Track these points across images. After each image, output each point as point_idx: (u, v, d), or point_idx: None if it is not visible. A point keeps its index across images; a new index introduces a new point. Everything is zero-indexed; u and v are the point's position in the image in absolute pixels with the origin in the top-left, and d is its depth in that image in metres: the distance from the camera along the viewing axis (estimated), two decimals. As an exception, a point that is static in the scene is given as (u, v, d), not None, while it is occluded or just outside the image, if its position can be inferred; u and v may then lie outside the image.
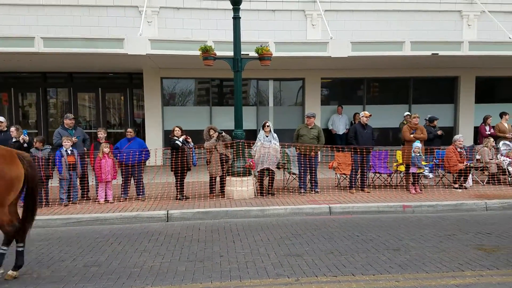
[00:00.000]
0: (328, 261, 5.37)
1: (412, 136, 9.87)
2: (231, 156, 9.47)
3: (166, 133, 13.73)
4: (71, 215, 7.81)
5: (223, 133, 9.58)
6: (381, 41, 13.02)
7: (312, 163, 9.67)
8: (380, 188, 10.08)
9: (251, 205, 8.42)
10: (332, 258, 5.48)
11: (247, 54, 9.96)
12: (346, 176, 10.18)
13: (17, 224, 4.97)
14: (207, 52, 9.12)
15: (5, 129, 9.35)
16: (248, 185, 9.25)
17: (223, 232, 6.90)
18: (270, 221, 7.63)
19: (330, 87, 16.07)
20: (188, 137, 9.37)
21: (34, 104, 15.76)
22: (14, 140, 8.63)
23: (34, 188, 5.16)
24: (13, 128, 8.89)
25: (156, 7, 13.99)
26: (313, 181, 9.77)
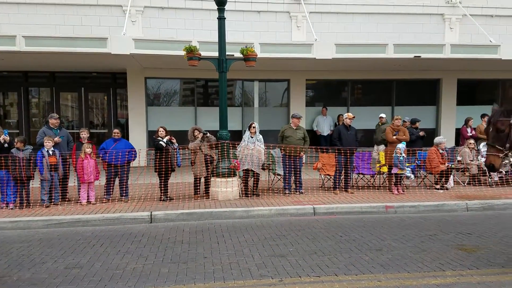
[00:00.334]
0: (312, 262, 5.40)
1: (395, 138, 10.00)
2: (216, 157, 9.45)
3: (150, 134, 13.64)
4: (53, 217, 7.68)
5: (208, 134, 9.55)
6: (365, 44, 13.19)
7: (297, 164, 9.71)
8: (364, 189, 10.17)
9: (236, 206, 8.42)
10: (316, 259, 5.52)
11: (232, 55, 9.96)
12: (330, 177, 10.25)
13: None
14: (192, 52, 9.08)
15: (-15, 129, 9.17)
16: (233, 186, 9.24)
17: (207, 233, 6.88)
18: (255, 222, 7.64)
19: (315, 89, 16.17)
20: (173, 138, 9.32)
21: (16, 104, 15.50)
22: (-5, 140, 8.46)
23: None
24: (-6, 128, 8.73)
25: (141, 7, 13.89)
26: (298, 182, 9.80)
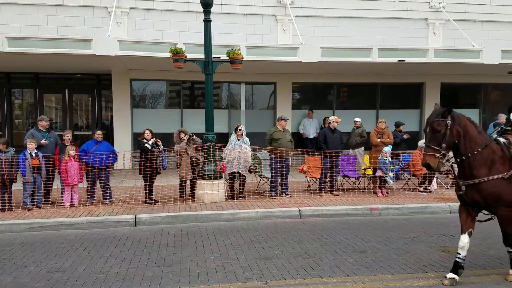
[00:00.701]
0: (297, 264, 5.41)
1: (379, 141, 10.09)
2: (202, 159, 9.42)
3: (135, 136, 13.54)
4: (35, 220, 7.57)
5: (194, 136, 9.52)
6: (350, 47, 13.31)
7: (286, 167, 9.76)
8: (349, 191, 10.24)
9: (222, 209, 8.40)
10: (301, 261, 5.53)
11: (219, 57, 9.95)
12: (316, 180, 10.30)
13: None
14: (178, 55, 9.05)
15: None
16: (219, 189, 9.22)
17: (193, 236, 6.85)
18: (241, 225, 7.63)
19: (301, 91, 16.26)
20: (158, 140, 9.27)
21: (-2, 105, 15.23)
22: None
23: None
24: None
25: (126, 8, 13.79)
26: (284, 185, 9.83)
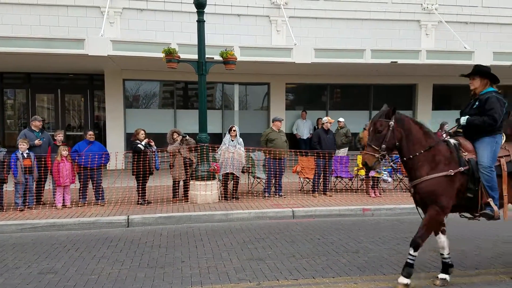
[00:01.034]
0: (290, 265, 5.42)
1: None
2: (195, 160, 9.41)
3: (128, 136, 13.47)
4: (27, 221, 7.52)
5: (187, 137, 9.51)
6: (343, 49, 13.36)
7: (281, 167, 9.79)
8: (342, 192, 10.27)
9: (215, 210, 8.39)
10: (294, 262, 5.54)
11: (212, 58, 9.93)
12: (309, 180, 10.33)
13: None
14: (171, 55, 9.04)
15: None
16: (212, 189, 9.21)
17: (186, 237, 6.83)
18: (234, 226, 7.63)
19: (295, 92, 16.28)
20: (151, 140, 9.25)
21: (-11, 105, 15.12)
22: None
23: None
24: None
25: (119, 8, 13.74)
26: (277, 185, 9.85)
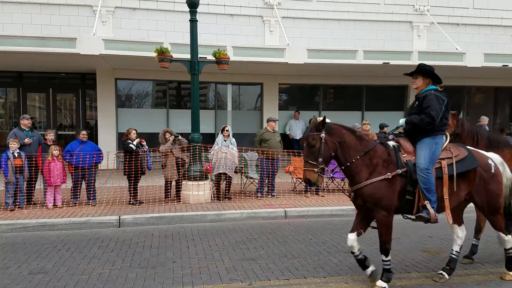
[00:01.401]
0: (282, 265, 5.43)
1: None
2: (188, 160, 9.39)
3: (120, 136, 13.40)
4: (17, 220, 7.46)
5: (179, 137, 9.48)
6: (336, 49, 13.41)
7: (275, 167, 9.80)
8: (334, 192, 10.30)
9: (207, 210, 8.37)
10: (285, 262, 5.55)
11: (205, 58, 9.93)
12: (302, 180, 10.33)
13: None
14: (163, 54, 9.00)
15: None
16: (205, 189, 9.20)
17: (178, 238, 6.82)
18: (226, 226, 7.62)
19: (288, 93, 16.31)
20: (143, 140, 9.22)
21: (-20, 104, 15.00)
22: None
23: None
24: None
25: (111, 7, 13.67)
26: (270, 185, 9.86)
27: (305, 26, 14.96)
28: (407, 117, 4.69)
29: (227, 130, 9.55)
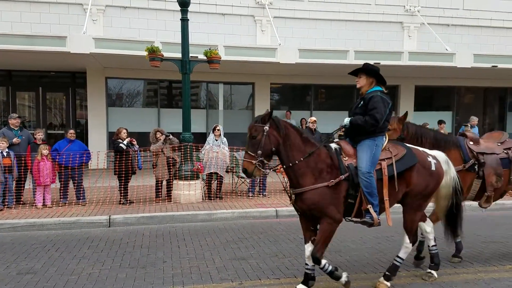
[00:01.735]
0: (272, 264, 5.43)
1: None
2: (179, 160, 9.35)
3: (111, 135, 13.33)
4: (6, 220, 7.38)
5: (170, 136, 9.45)
6: (327, 49, 13.46)
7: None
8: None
9: (198, 209, 8.35)
10: (276, 261, 5.55)
11: (196, 57, 9.90)
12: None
13: None
14: (154, 53, 8.96)
15: None
16: (196, 189, 9.18)
17: (168, 237, 6.79)
18: (217, 225, 7.61)
19: (280, 92, 16.33)
20: (133, 140, 9.17)
21: (-32, 103, 14.81)
22: None
23: None
24: None
25: (102, 5, 13.58)
26: (262, 185, 9.86)
27: (297, 26, 14.99)
28: (352, 117, 4.55)
29: (218, 130, 9.53)
